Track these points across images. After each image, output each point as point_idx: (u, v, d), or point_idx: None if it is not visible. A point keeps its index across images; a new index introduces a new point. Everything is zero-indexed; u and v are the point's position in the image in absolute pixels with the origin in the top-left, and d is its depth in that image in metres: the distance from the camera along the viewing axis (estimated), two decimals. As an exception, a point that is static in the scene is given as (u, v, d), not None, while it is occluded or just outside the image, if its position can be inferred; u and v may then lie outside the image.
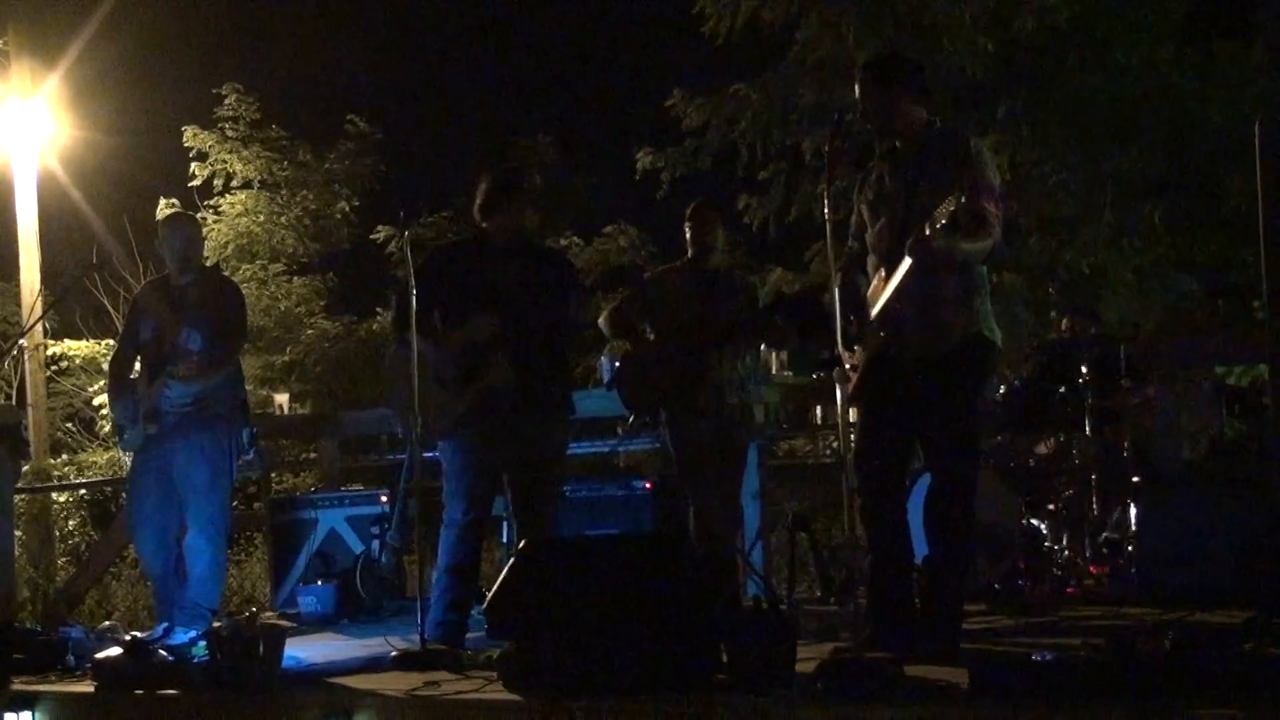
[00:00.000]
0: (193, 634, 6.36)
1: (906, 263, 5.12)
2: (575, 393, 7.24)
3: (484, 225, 6.45)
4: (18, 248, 15.06)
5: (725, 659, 4.83)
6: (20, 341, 13.93)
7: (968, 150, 5.30)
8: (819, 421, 9.27)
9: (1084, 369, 7.29)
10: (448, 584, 6.22)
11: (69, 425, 16.46)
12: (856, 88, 5.49)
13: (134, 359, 7.01)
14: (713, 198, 7.02)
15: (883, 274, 5.36)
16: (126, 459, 7.29)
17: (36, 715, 5.62)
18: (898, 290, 5.23)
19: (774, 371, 8.10)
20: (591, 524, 7.66)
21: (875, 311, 5.38)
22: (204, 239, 8.56)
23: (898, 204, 5.35)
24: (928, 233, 4.97)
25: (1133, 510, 6.80)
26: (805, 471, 11.52)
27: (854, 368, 5.45)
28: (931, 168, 5.26)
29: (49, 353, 15.39)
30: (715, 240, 6.84)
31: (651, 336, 6.76)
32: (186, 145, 16.07)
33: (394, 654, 5.84)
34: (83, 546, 13.74)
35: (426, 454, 6.64)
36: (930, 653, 5.00)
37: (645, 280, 6.92)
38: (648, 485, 7.92)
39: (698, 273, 6.79)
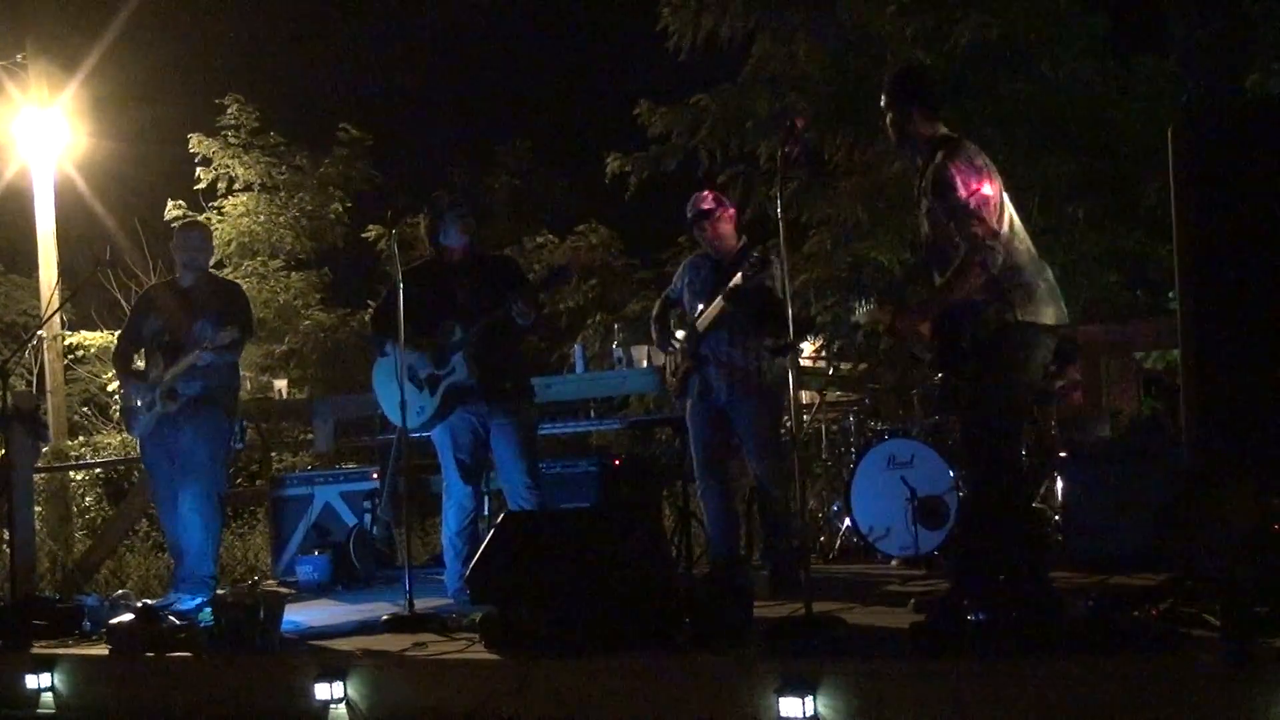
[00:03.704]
0: (199, 600, 6.36)
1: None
2: (550, 378, 7.18)
3: (434, 247, 6.74)
4: (37, 246, 14.95)
5: (686, 620, 4.83)
6: (39, 332, 13.85)
7: (938, 169, 4.86)
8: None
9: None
10: (460, 545, 6.50)
11: (85, 409, 16.41)
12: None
13: (133, 353, 7.15)
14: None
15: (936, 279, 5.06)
16: (136, 441, 7.30)
17: (55, 676, 5.62)
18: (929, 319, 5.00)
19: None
20: (565, 498, 7.65)
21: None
22: (213, 247, 8.62)
23: (921, 217, 5.08)
24: (899, 324, 4.91)
25: (1059, 482, 6.83)
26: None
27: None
28: (926, 182, 4.97)
29: (66, 343, 15.36)
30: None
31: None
32: (192, 151, 15.97)
33: (385, 618, 5.83)
34: (98, 521, 13.64)
35: (414, 435, 6.67)
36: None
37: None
38: (616, 462, 7.91)
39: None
